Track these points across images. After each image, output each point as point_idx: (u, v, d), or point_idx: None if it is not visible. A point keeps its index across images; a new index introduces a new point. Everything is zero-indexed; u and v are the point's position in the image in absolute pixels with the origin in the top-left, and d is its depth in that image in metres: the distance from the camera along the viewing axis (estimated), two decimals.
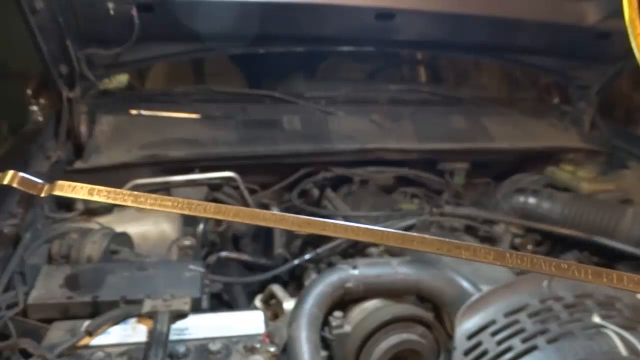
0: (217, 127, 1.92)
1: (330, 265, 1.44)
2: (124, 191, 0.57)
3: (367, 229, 0.55)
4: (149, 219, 1.56)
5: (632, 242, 1.68)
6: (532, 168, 2.17)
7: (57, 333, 1.04)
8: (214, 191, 1.78)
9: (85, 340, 1.02)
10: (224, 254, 1.58)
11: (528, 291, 1.17)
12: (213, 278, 1.40)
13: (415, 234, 0.55)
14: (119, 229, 1.43)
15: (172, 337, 1.04)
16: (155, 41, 1.82)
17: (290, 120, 2.01)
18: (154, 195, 0.58)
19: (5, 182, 0.59)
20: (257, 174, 1.93)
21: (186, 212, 0.57)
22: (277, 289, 1.39)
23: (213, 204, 0.58)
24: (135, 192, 0.58)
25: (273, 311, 1.35)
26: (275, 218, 0.56)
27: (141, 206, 0.57)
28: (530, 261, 0.53)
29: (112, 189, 0.57)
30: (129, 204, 0.57)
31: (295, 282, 1.58)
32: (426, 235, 0.55)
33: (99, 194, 0.58)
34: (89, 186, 0.58)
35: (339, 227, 0.56)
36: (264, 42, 1.94)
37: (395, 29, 1.99)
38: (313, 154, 1.94)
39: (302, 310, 1.18)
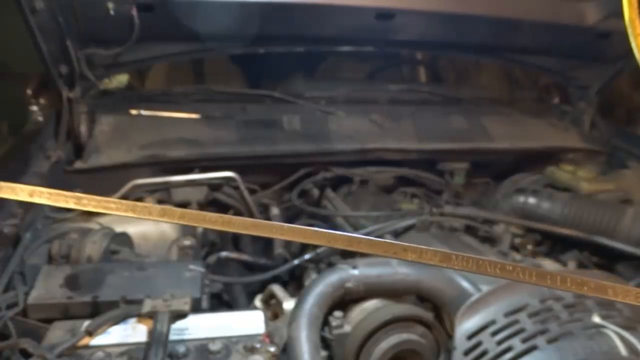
0: (217, 127, 1.92)
1: (330, 265, 1.44)
2: (66, 193, 0.55)
3: (314, 231, 0.55)
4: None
5: (632, 242, 1.68)
6: (532, 168, 2.17)
7: (57, 333, 1.04)
8: (214, 191, 1.78)
9: (85, 340, 1.02)
10: (224, 254, 1.58)
11: (528, 291, 1.17)
12: (213, 278, 1.40)
13: (362, 236, 0.54)
14: (119, 229, 1.43)
15: (172, 337, 1.04)
16: (155, 41, 1.82)
17: (290, 120, 2.01)
18: (97, 197, 0.56)
19: None
20: (257, 174, 1.93)
21: (130, 214, 0.55)
22: (277, 289, 1.39)
23: (158, 206, 0.57)
24: (78, 194, 0.55)
25: (273, 311, 1.35)
26: (222, 220, 0.55)
27: (84, 208, 0.55)
28: (476, 263, 0.53)
29: (54, 191, 0.55)
30: (71, 205, 0.55)
31: (295, 282, 1.57)
32: (373, 238, 0.55)
33: (40, 196, 0.56)
34: (30, 187, 0.56)
35: (286, 229, 0.55)
36: (264, 42, 1.94)
37: (395, 29, 1.99)
38: (313, 154, 1.94)
39: (302, 310, 1.18)
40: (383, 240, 0.54)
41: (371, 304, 1.28)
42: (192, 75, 2.47)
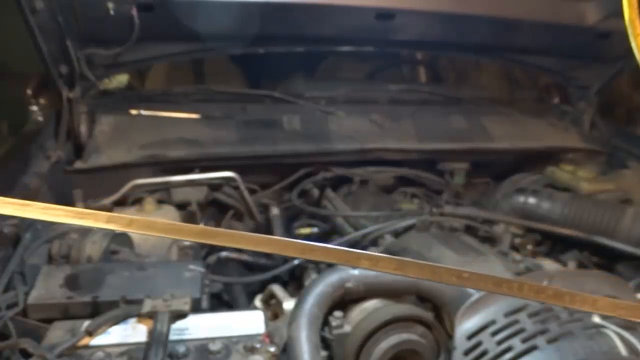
0: (217, 127, 1.92)
1: (330, 265, 1.43)
2: (12, 200, 0.53)
3: (267, 239, 0.53)
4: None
5: (632, 242, 1.68)
6: (532, 168, 2.17)
7: (57, 333, 1.04)
8: (214, 191, 1.78)
9: (85, 340, 1.02)
10: (224, 254, 1.58)
11: None
12: (213, 278, 1.40)
13: (317, 244, 0.53)
14: None
15: (172, 337, 1.04)
16: (155, 41, 1.83)
17: (290, 120, 2.01)
18: (43, 204, 0.54)
19: None
20: (257, 174, 1.93)
21: (76, 222, 0.53)
22: (277, 289, 1.39)
23: (106, 213, 0.55)
24: (24, 201, 0.54)
25: (273, 311, 1.35)
26: (170, 227, 0.54)
27: (30, 215, 0.53)
28: (432, 271, 0.52)
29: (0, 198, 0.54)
30: (17, 213, 0.53)
31: (295, 282, 1.57)
32: (328, 245, 0.53)
33: None
34: None
35: (237, 237, 0.53)
36: (264, 42, 1.94)
37: (395, 29, 1.99)
38: (313, 154, 1.94)
39: (302, 310, 1.18)
40: (338, 247, 0.53)
41: (371, 304, 1.28)
42: (192, 75, 2.48)
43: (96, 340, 1.03)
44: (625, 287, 1.32)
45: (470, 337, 1.14)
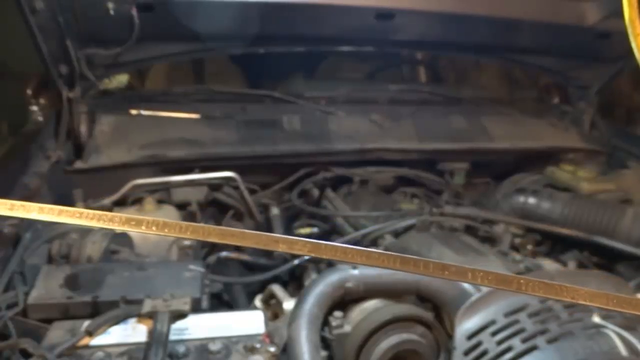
0: (217, 127, 1.92)
1: (330, 265, 1.43)
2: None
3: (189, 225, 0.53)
4: None
5: (632, 242, 1.68)
6: (532, 168, 2.17)
7: (57, 333, 1.04)
8: (214, 191, 1.78)
9: (85, 340, 1.02)
10: (224, 254, 1.57)
11: None
12: (213, 278, 1.40)
13: (234, 229, 0.54)
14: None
15: (172, 337, 1.04)
16: (155, 41, 1.83)
17: (290, 120, 2.01)
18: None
19: None
20: (257, 174, 1.93)
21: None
22: (277, 289, 1.39)
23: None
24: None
25: (273, 311, 1.35)
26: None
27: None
28: (343, 252, 0.53)
29: None
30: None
31: (295, 282, 1.57)
32: (247, 231, 0.53)
33: None
34: None
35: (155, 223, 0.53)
36: (264, 42, 1.95)
37: (395, 29, 1.99)
38: (313, 154, 1.94)
39: (302, 310, 1.18)
40: (255, 232, 0.53)
41: (371, 304, 1.28)
42: (192, 75, 2.48)
43: (96, 340, 1.03)
44: (625, 287, 1.32)
45: (470, 337, 1.14)
